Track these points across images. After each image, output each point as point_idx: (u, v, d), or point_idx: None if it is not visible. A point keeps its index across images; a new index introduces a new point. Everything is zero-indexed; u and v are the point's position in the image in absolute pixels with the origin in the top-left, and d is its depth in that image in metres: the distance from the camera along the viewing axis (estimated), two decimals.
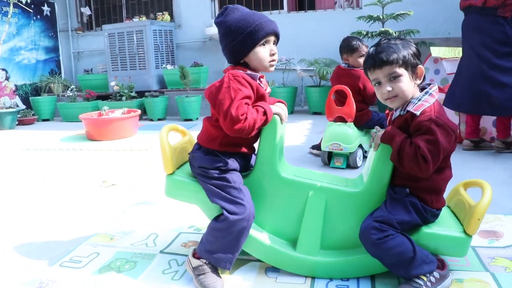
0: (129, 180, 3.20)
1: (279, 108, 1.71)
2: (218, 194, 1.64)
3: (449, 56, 4.67)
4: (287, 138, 2.04)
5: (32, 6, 7.63)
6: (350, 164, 3.26)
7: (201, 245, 1.68)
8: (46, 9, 8.03)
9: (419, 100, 1.56)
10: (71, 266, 1.86)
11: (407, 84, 1.57)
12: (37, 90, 7.75)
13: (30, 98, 7.34)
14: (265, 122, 1.62)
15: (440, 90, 4.15)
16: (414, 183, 1.59)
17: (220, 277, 1.66)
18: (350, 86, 3.22)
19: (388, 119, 1.75)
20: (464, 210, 1.61)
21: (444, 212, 1.70)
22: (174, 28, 7.62)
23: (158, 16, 7.62)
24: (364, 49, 3.37)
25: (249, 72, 1.65)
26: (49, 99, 7.25)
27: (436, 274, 1.54)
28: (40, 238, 2.21)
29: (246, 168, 1.78)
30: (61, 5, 8.56)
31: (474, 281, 1.60)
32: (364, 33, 5.59)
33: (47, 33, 8.09)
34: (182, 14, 7.72)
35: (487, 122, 3.81)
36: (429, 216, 1.60)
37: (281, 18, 7.16)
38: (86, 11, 8.51)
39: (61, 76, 8.15)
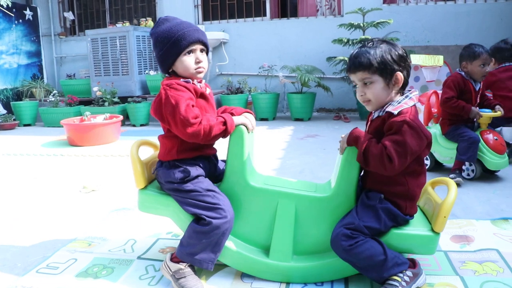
0: (109, 186, 3.20)
1: (245, 119, 1.73)
2: (192, 205, 1.65)
3: (428, 64, 4.75)
4: (268, 146, 2.06)
5: (14, 10, 7.58)
6: None
7: (181, 248, 1.68)
8: (28, 13, 7.97)
9: (399, 102, 1.57)
10: (47, 272, 1.86)
11: (380, 90, 1.58)
12: (18, 95, 7.68)
13: (11, 102, 7.27)
14: (225, 133, 1.64)
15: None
16: (390, 188, 1.59)
17: (199, 279, 1.68)
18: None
19: (366, 121, 1.76)
20: (432, 208, 1.65)
21: None
22: None
23: (142, 22, 7.62)
24: (486, 58, 2.97)
25: (182, 79, 1.69)
26: (31, 104, 7.18)
27: (409, 273, 1.55)
28: (17, 244, 2.20)
29: (212, 173, 1.80)
30: (44, 10, 8.51)
31: (444, 285, 1.64)
32: (345, 40, 5.67)
33: (29, 38, 8.03)
34: None
35: None
36: (401, 221, 1.61)
37: (264, 25, 7.23)
38: (69, 16, 8.47)
39: (43, 81, 8.08)
